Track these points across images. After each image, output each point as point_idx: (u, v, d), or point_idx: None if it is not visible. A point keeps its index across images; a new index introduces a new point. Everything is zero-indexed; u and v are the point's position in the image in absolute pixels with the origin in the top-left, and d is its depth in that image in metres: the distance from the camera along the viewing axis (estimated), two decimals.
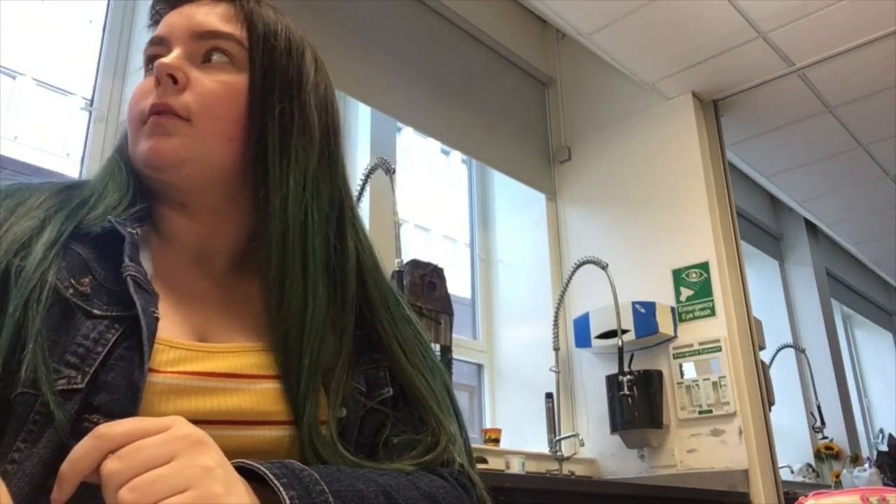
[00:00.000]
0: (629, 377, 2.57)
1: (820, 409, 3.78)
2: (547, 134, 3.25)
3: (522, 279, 3.05)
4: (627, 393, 2.56)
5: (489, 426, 2.76)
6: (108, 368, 0.55)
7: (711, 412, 2.56)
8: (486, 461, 2.29)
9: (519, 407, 2.86)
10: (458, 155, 3.22)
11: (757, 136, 3.39)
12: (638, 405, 2.57)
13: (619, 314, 2.59)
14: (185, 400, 0.58)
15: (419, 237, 3.45)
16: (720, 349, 2.59)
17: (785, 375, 3.83)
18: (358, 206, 2.55)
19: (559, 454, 2.60)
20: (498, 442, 2.54)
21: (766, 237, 4.25)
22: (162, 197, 0.70)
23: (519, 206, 3.16)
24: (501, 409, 2.91)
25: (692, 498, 2.28)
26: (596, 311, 2.73)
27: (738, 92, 2.98)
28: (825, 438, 3.77)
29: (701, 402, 2.58)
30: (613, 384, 2.61)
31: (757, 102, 3.09)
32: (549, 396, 2.67)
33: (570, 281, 2.80)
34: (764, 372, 2.73)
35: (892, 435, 3.72)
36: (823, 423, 3.73)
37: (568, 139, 3.22)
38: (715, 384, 2.57)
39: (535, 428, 2.70)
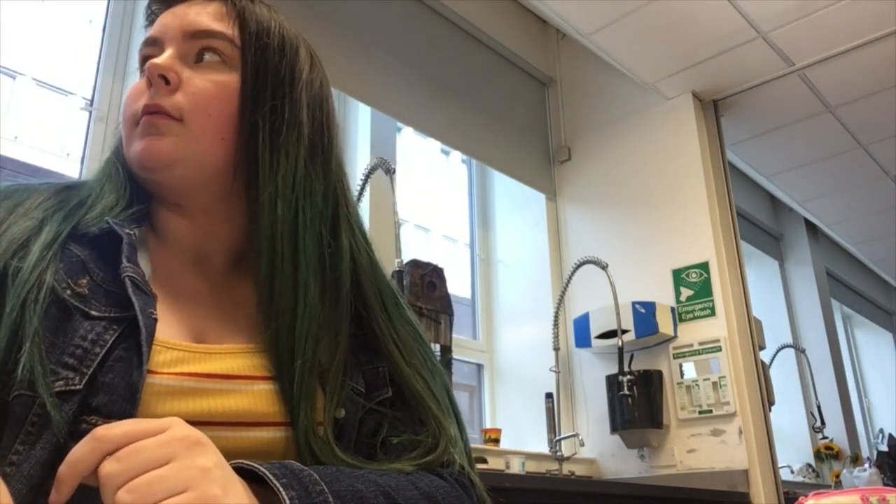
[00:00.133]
0: (629, 377, 2.57)
1: (820, 409, 3.78)
2: (547, 134, 3.25)
3: (522, 279, 3.05)
4: (627, 393, 2.55)
5: (489, 426, 2.76)
6: (106, 370, 0.55)
7: (711, 412, 2.56)
8: (486, 461, 2.29)
9: (519, 407, 2.86)
10: (458, 155, 3.22)
11: (757, 136, 3.39)
12: (638, 405, 2.57)
13: (619, 314, 2.59)
14: (182, 401, 0.57)
15: (419, 237, 3.45)
16: (720, 349, 2.59)
17: (785, 375, 3.83)
18: (358, 205, 2.54)
19: (559, 454, 2.60)
20: (498, 442, 2.54)
21: (766, 237, 4.25)
22: (158, 198, 0.70)
23: (519, 205, 3.15)
24: (501, 409, 2.91)
25: (692, 498, 2.28)
26: (596, 311, 2.73)
27: (738, 92, 2.98)
28: (825, 438, 3.77)
29: (701, 402, 2.58)
30: (613, 384, 2.61)
31: (757, 102, 3.09)
32: (549, 396, 2.67)
33: (570, 281, 2.80)
34: (764, 372, 2.73)
35: (892, 435, 3.72)
36: (823, 423, 3.73)
37: (568, 139, 3.22)
38: (715, 384, 2.57)
39: (535, 428, 2.70)
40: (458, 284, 2.96)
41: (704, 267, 2.70)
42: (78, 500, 0.46)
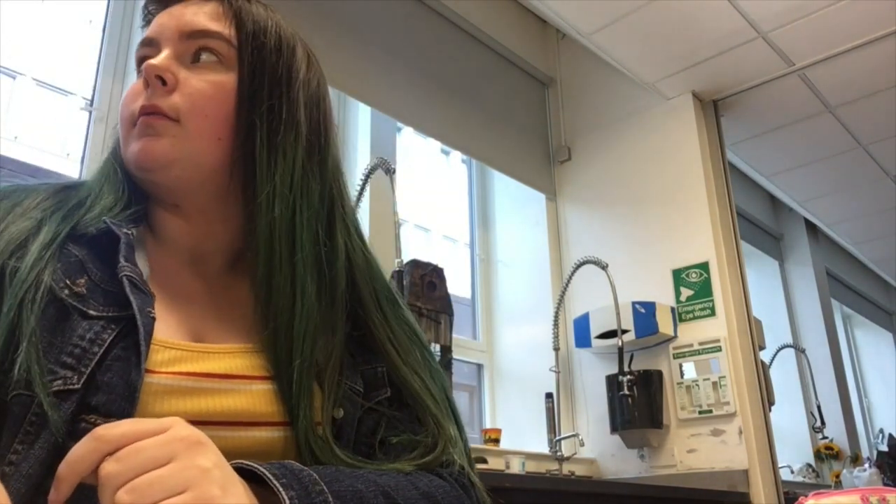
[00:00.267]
0: (629, 377, 2.57)
1: (820, 409, 3.78)
2: (547, 134, 3.25)
3: (522, 279, 3.05)
4: (627, 393, 2.55)
5: (489, 426, 2.76)
6: (104, 369, 0.55)
7: (711, 412, 2.56)
8: (486, 461, 2.29)
9: (519, 407, 2.86)
10: (458, 155, 3.22)
11: (757, 136, 3.39)
12: (638, 405, 2.57)
13: (619, 314, 2.59)
14: (180, 400, 0.57)
15: (419, 237, 3.45)
16: (720, 349, 2.59)
17: (785, 375, 3.83)
18: (358, 205, 2.52)
19: (559, 454, 2.60)
20: (498, 442, 2.54)
21: (766, 237, 4.25)
22: (155, 198, 0.70)
23: (519, 205, 3.15)
24: (501, 409, 2.91)
25: (692, 498, 2.28)
26: (596, 311, 2.73)
27: (738, 92, 2.98)
28: (825, 438, 3.77)
29: (701, 402, 2.58)
30: (613, 384, 2.61)
31: (757, 102, 3.09)
32: (549, 396, 2.67)
33: (570, 281, 2.80)
34: (764, 372, 2.73)
35: (892, 435, 3.72)
36: (823, 423, 3.73)
37: (568, 139, 3.22)
38: (715, 384, 2.57)
39: (535, 428, 2.70)
40: (458, 284, 2.96)
41: (704, 267, 2.70)
42: (77, 499, 0.46)
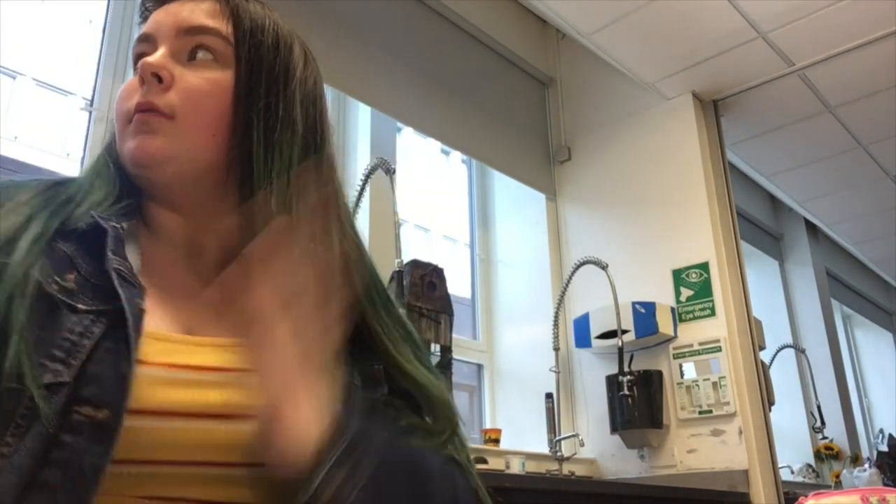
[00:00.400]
0: (629, 377, 2.57)
1: (820, 409, 3.78)
2: (547, 134, 3.25)
3: (522, 279, 3.05)
4: (627, 393, 2.56)
5: (489, 426, 2.76)
6: (95, 361, 0.55)
7: (711, 412, 2.56)
8: (486, 461, 2.29)
9: (519, 407, 2.86)
10: (458, 155, 3.22)
11: (757, 136, 3.39)
12: (638, 405, 2.57)
13: (619, 314, 2.59)
14: (173, 391, 0.57)
15: (419, 237, 3.45)
16: (720, 349, 2.59)
17: (785, 375, 3.83)
18: (358, 205, 2.51)
19: (559, 454, 2.60)
20: (498, 442, 2.54)
21: (766, 237, 4.25)
22: (150, 194, 0.70)
23: (519, 205, 3.15)
24: (501, 409, 2.91)
25: (692, 498, 2.28)
26: (596, 311, 2.73)
27: (738, 92, 2.98)
28: (825, 438, 3.77)
29: (701, 402, 2.58)
30: (613, 384, 2.61)
31: (757, 102, 3.09)
32: (549, 396, 2.66)
33: (570, 281, 2.80)
34: (764, 372, 2.73)
35: (892, 435, 3.72)
36: (823, 423, 3.73)
37: (568, 139, 3.22)
38: (715, 384, 2.57)
39: (535, 428, 2.70)
40: (458, 284, 2.96)
41: (704, 267, 2.70)
42: None
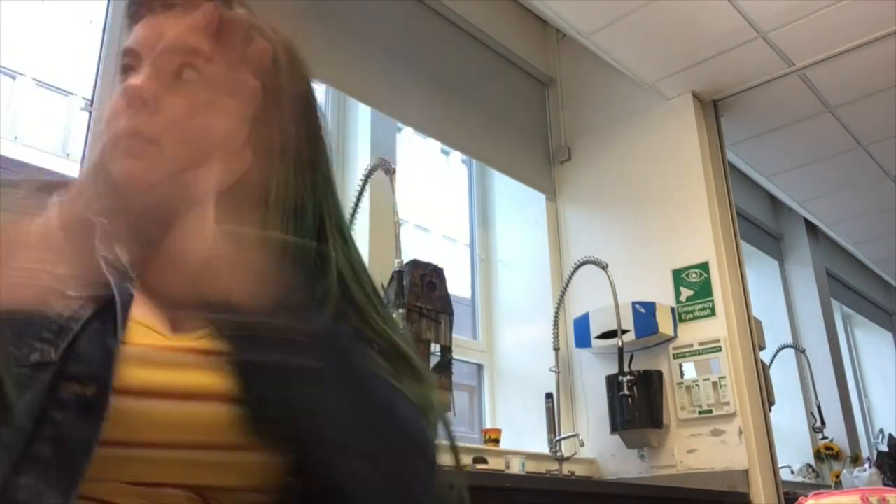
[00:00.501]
0: (629, 377, 2.57)
1: (820, 409, 3.78)
2: (547, 134, 3.25)
3: (522, 279, 3.05)
4: (627, 393, 2.56)
5: (489, 426, 2.76)
6: (82, 341, 0.56)
7: (711, 412, 2.56)
8: (486, 461, 2.29)
9: (519, 407, 2.86)
10: (458, 155, 3.22)
11: (757, 136, 3.39)
12: (638, 405, 2.57)
13: (619, 314, 2.59)
14: (156, 372, 0.58)
15: (419, 237, 3.45)
16: (720, 349, 2.59)
17: (785, 375, 3.83)
18: (358, 206, 2.50)
19: (559, 454, 2.60)
20: (498, 442, 2.54)
21: (766, 237, 4.25)
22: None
23: (519, 206, 3.15)
24: (501, 409, 2.91)
25: (692, 498, 2.28)
26: (596, 311, 2.73)
27: (738, 92, 2.98)
28: (825, 438, 3.77)
29: (701, 402, 2.58)
30: (613, 384, 2.61)
31: (757, 102, 3.09)
32: (549, 396, 2.66)
33: (570, 281, 2.80)
34: (764, 372, 2.73)
35: (892, 435, 3.72)
36: (823, 423, 3.73)
37: (568, 139, 3.22)
38: (715, 384, 2.57)
39: (535, 428, 2.70)
40: (458, 284, 2.96)
41: (704, 267, 2.70)
42: None
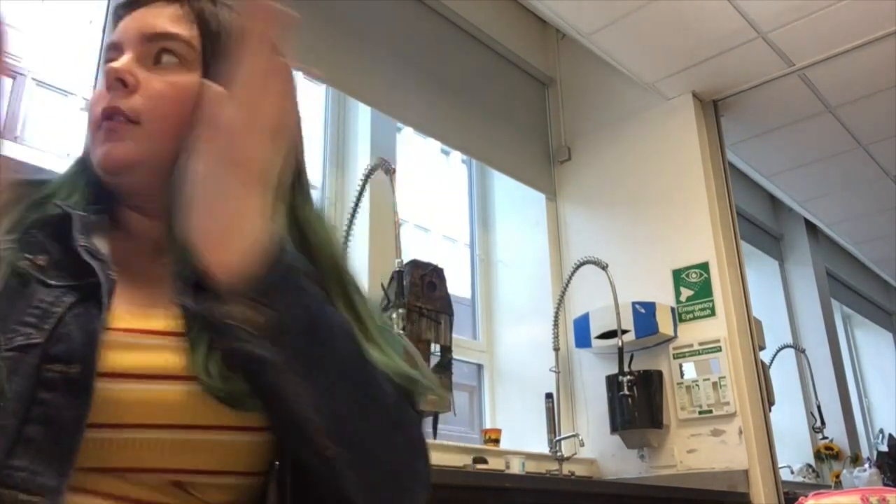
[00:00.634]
0: (629, 377, 2.57)
1: (820, 409, 3.78)
2: (547, 134, 3.25)
3: (522, 279, 3.05)
4: (627, 393, 2.56)
5: (489, 426, 2.76)
6: (65, 324, 0.57)
7: (711, 412, 2.56)
8: (486, 461, 2.29)
9: (519, 407, 2.86)
10: (458, 155, 3.22)
11: (757, 136, 3.39)
12: (638, 405, 2.57)
13: (619, 314, 2.59)
14: (139, 354, 0.59)
15: (419, 237, 3.45)
16: (720, 349, 2.59)
17: (785, 375, 3.83)
18: (358, 206, 2.49)
19: (559, 454, 2.60)
20: (498, 442, 2.54)
21: (766, 237, 4.25)
22: (121, 198, 0.71)
23: (519, 205, 3.15)
24: (501, 409, 2.91)
25: (692, 498, 2.28)
26: (596, 311, 2.73)
27: (738, 92, 2.98)
28: (825, 438, 3.77)
29: (701, 402, 2.58)
30: (613, 384, 2.61)
31: (757, 102, 3.09)
32: (549, 396, 2.67)
33: (570, 281, 2.80)
34: (764, 372, 2.73)
35: (892, 435, 3.72)
36: (823, 423, 3.73)
37: (568, 139, 3.22)
38: (715, 384, 2.57)
39: (535, 428, 2.70)
40: (458, 284, 2.96)
41: (704, 267, 2.70)
42: None
